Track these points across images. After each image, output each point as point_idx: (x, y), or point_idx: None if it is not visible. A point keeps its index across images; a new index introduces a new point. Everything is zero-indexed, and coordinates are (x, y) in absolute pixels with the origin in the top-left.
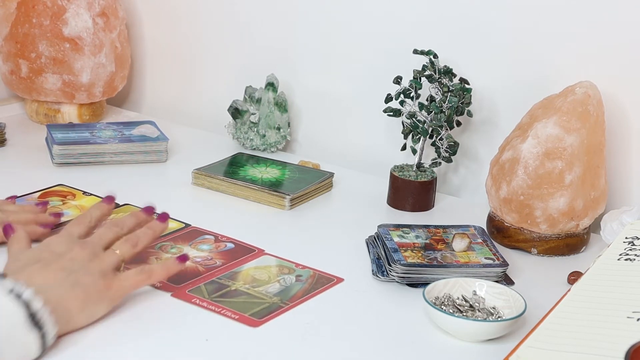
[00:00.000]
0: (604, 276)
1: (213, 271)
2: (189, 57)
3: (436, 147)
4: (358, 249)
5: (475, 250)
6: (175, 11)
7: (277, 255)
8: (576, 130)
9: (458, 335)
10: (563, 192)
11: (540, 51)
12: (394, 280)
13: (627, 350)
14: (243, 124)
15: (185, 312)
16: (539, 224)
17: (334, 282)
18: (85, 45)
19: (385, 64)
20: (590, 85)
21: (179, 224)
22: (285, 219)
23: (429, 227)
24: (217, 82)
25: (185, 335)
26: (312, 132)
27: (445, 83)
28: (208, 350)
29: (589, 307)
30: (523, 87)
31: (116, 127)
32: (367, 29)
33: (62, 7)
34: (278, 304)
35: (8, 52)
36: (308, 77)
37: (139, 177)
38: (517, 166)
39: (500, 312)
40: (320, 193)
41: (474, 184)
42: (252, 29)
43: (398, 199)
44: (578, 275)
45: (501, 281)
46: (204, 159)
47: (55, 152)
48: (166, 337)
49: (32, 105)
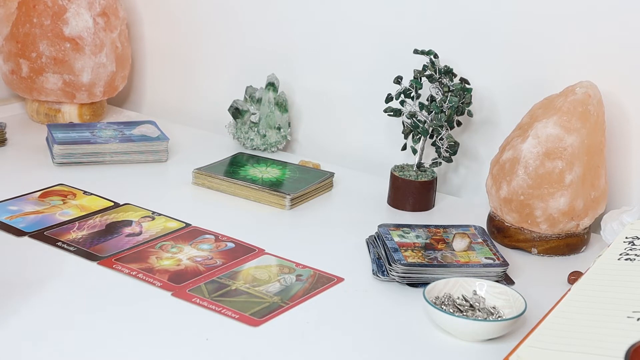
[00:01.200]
0: (604, 276)
1: (213, 270)
2: (189, 57)
3: (436, 147)
4: (358, 249)
5: (475, 250)
6: (175, 11)
7: (277, 254)
8: (576, 130)
9: (458, 335)
10: (563, 192)
11: (540, 51)
12: (394, 280)
13: (627, 350)
14: (243, 124)
15: (185, 312)
16: (539, 223)
17: (334, 281)
18: (85, 45)
19: (386, 64)
20: (590, 85)
21: (179, 223)
22: (286, 219)
23: (429, 227)
24: (218, 82)
25: (185, 335)
26: (312, 132)
27: (445, 83)
28: (208, 350)
29: (589, 307)
30: (523, 87)
31: (117, 126)
32: (367, 29)
33: (63, 7)
34: (278, 304)
35: (9, 52)
36: (308, 77)
37: (139, 176)
38: (517, 166)
39: (500, 312)
40: (320, 193)
41: (474, 184)
42: (252, 29)
43: (398, 199)
44: (578, 275)
45: (501, 281)
46: (204, 158)
47: (55, 152)
48: (166, 337)
49: (32, 105)
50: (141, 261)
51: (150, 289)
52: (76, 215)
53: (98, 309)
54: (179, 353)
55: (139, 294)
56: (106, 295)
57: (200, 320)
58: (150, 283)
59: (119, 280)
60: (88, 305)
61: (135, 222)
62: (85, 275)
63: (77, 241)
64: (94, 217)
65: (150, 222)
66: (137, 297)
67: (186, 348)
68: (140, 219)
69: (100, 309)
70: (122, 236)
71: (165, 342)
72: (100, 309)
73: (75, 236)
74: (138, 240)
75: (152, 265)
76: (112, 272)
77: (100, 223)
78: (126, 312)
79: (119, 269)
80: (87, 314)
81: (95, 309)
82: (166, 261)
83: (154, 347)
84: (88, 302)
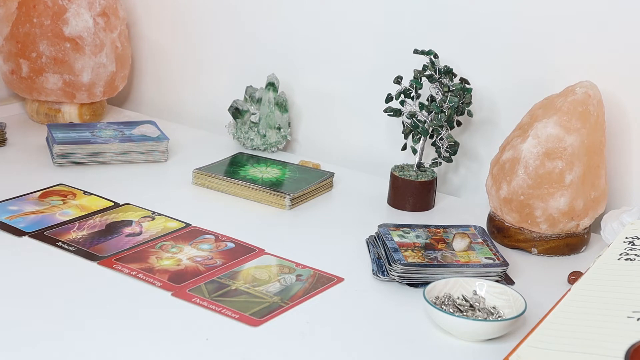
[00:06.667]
0: (604, 276)
1: (213, 270)
2: (189, 57)
3: (436, 147)
4: (358, 249)
5: (475, 250)
6: (175, 11)
7: (277, 254)
8: (576, 130)
9: (458, 335)
10: (563, 192)
11: (540, 51)
12: (394, 280)
13: (627, 350)
14: (243, 124)
15: (185, 312)
16: (539, 223)
17: (334, 281)
18: (85, 45)
19: (386, 64)
20: (590, 85)
21: (180, 223)
22: (286, 219)
23: (429, 227)
24: (218, 82)
25: (185, 335)
26: (312, 132)
27: (445, 83)
28: (208, 350)
29: (589, 307)
30: (523, 87)
31: (117, 126)
32: (367, 29)
33: (63, 7)
34: (278, 304)
35: (9, 52)
36: (308, 77)
37: (139, 176)
38: (517, 166)
39: (500, 312)
40: (320, 193)
41: (474, 184)
42: (252, 29)
43: (398, 199)
44: (578, 275)
45: (501, 281)
46: (204, 158)
47: (55, 152)
48: (166, 337)
49: (32, 105)
50: (141, 261)
51: (150, 289)
52: (76, 215)
53: (98, 308)
54: (179, 353)
55: (139, 294)
56: (106, 295)
57: (200, 320)
58: (150, 283)
59: (119, 280)
60: (88, 305)
61: (135, 222)
62: (85, 275)
63: (77, 241)
64: (94, 217)
65: (150, 222)
66: (137, 297)
67: (186, 348)
68: (140, 219)
69: (101, 308)
70: (122, 236)
71: (165, 342)
72: (100, 309)
73: (75, 236)
74: (138, 240)
75: (152, 265)
76: (112, 272)
77: (100, 223)
78: (126, 312)
79: (119, 269)
80: (87, 313)
81: (95, 308)
82: (166, 261)
83: (154, 347)
84: (88, 302)
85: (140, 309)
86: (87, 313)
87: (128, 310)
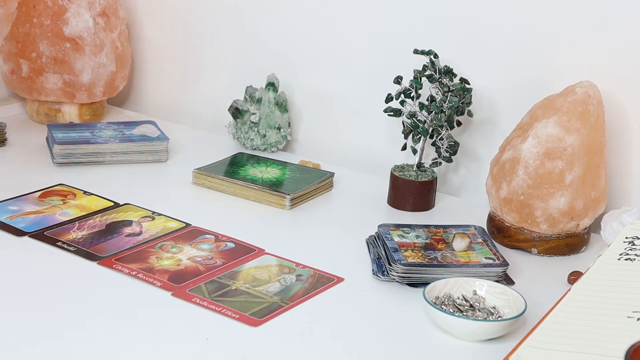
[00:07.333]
0: (604, 276)
1: (213, 270)
2: (189, 57)
3: (436, 147)
4: (358, 249)
5: (475, 250)
6: (175, 11)
7: (277, 254)
8: (576, 130)
9: (458, 335)
10: (563, 192)
11: (540, 51)
12: (394, 280)
13: (627, 350)
14: (243, 124)
15: (185, 312)
16: (539, 223)
17: (334, 281)
18: (85, 45)
19: (386, 64)
20: (590, 85)
21: (179, 223)
22: (286, 219)
23: (429, 227)
24: (218, 82)
25: (185, 335)
26: (312, 132)
27: (445, 83)
28: (208, 350)
29: (589, 307)
30: (523, 87)
31: (117, 126)
32: (367, 29)
33: (63, 7)
34: (278, 304)
35: (9, 52)
36: (308, 77)
37: (139, 176)
38: (517, 166)
39: (500, 312)
40: (320, 193)
41: (474, 184)
42: (252, 29)
43: (398, 199)
44: (578, 275)
45: (501, 281)
46: (204, 158)
47: (55, 152)
48: (166, 337)
49: (32, 105)
50: (141, 261)
51: (150, 289)
52: (76, 215)
53: (98, 308)
54: (179, 353)
55: (139, 294)
56: (106, 295)
57: (200, 320)
58: (150, 283)
59: (119, 280)
60: (88, 305)
61: (135, 222)
62: (85, 275)
63: (77, 241)
64: (94, 217)
65: (150, 222)
66: (137, 297)
67: (186, 348)
68: (140, 219)
69: (100, 308)
70: (122, 236)
71: (165, 342)
72: (100, 309)
73: (75, 236)
74: (138, 240)
75: (152, 265)
76: (112, 272)
77: (100, 223)
78: (126, 312)
79: (119, 269)
80: (87, 313)
81: (95, 308)
82: (166, 261)
83: (154, 347)
84: (88, 302)
85: (140, 309)
86: (87, 313)
87: (128, 310)
